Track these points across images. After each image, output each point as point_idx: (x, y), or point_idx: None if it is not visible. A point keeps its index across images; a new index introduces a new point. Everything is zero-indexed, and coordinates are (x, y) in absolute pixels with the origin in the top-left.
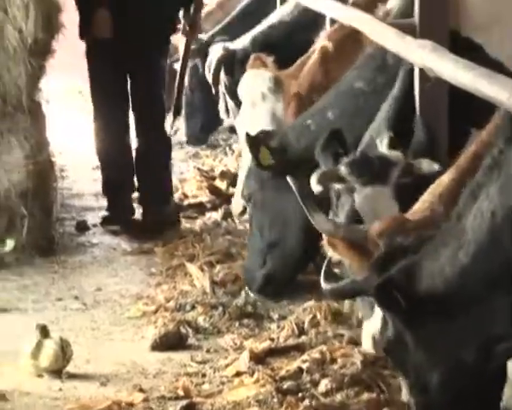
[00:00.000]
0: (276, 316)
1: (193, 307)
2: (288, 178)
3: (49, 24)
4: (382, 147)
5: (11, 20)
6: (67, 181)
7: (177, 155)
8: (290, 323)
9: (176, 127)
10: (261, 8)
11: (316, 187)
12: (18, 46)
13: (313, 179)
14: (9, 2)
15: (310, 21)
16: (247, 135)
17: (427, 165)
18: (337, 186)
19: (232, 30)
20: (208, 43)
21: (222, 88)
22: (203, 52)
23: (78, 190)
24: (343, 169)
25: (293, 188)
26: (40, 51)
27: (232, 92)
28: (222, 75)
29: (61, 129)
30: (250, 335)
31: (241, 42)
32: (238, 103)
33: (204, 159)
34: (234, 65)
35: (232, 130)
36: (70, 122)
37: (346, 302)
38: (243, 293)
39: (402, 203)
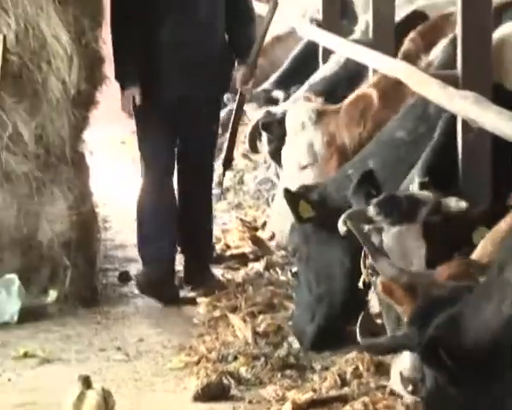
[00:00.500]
0: (318, 367)
1: (235, 358)
2: (347, 223)
3: (92, 75)
4: (413, 188)
5: (54, 72)
6: (110, 232)
7: (220, 206)
8: (332, 374)
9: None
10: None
11: (342, 228)
12: (61, 97)
13: (341, 220)
14: (53, 54)
15: (352, 74)
16: (286, 191)
17: (455, 203)
18: (366, 227)
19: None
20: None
21: (264, 148)
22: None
23: (121, 241)
24: (371, 209)
25: (355, 232)
26: (83, 102)
27: (272, 153)
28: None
29: (104, 180)
30: (292, 386)
31: (284, 105)
32: (279, 162)
33: (247, 209)
34: (273, 127)
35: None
36: (113, 173)
37: None
38: (285, 344)
39: (431, 242)
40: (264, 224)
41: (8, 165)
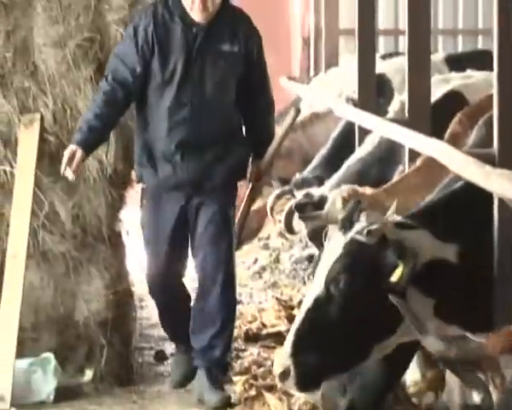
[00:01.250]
0: None
1: None
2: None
3: (129, 154)
4: None
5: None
6: (146, 310)
7: (256, 285)
8: None
9: None
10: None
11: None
12: (98, 177)
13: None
14: None
15: (387, 154)
16: None
17: None
18: None
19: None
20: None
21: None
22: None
23: (157, 320)
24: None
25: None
26: (120, 181)
27: (309, 236)
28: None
29: (140, 258)
30: None
31: (322, 189)
32: (317, 245)
33: (282, 288)
34: (310, 210)
35: (310, 260)
36: None
37: None
38: None
39: None
40: (300, 303)
41: (45, 244)
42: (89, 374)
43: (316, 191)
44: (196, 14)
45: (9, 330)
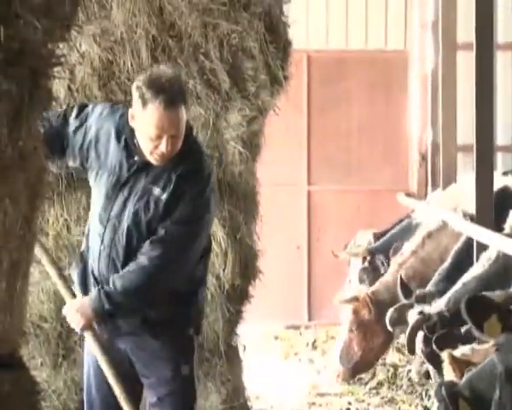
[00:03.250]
0: None
1: None
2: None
3: (247, 270)
4: None
5: (210, 267)
6: None
7: (373, 401)
8: None
9: None
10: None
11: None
12: (215, 292)
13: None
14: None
15: (505, 269)
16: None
17: None
18: None
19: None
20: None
21: (419, 354)
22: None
23: None
24: None
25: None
26: (237, 297)
27: (429, 358)
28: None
29: (257, 373)
30: None
31: (439, 305)
32: (437, 367)
33: (400, 404)
34: (429, 330)
35: (428, 376)
36: (266, 367)
37: None
38: None
39: None
40: None
41: None
42: None
43: (429, 309)
44: (151, 159)
45: None
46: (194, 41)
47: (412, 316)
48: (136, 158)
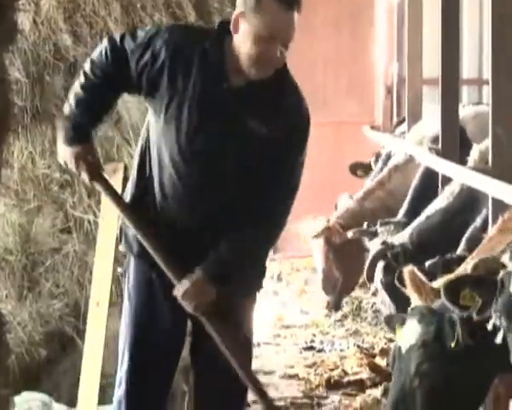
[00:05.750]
0: None
1: None
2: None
3: None
4: None
5: None
6: None
7: (338, 333)
8: None
9: None
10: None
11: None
12: None
13: (473, 264)
14: None
15: (469, 203)
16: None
17: None
18: (501, 273)
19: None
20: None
21: (378, 283)
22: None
23: None
24: (505, 256)
25: None
26: None
27: (387, 288)
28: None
29: None
30: None
31: (402, 236)
32: (394, 299)
33: (364, 336)
34: (394, 258)
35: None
36: None
37: None
38: None
39: None
40: (382, 350)
41: None
42: None
43: (393, 239)
44: (251, 70)
45: (92, 378)
46: None
47: (375, 245)
48: (226, 84)
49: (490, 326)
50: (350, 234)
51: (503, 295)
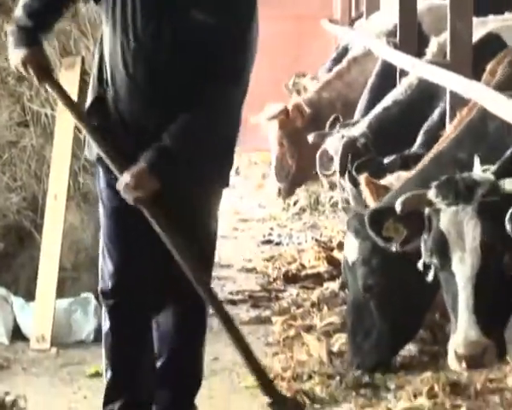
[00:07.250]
0: (392, 386)
1: (310, 377)
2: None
3: None
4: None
5: None
6: None
7: (295, 226)
8: (407, 393)
9: None
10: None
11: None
12: None
13: (399, 202)
14: None
15: (426, 96)
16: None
17: (510, 184)
18: (427, 210)
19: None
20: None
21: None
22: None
23: None
24: (431, 192)
25: None
26: None
27: (352, 179)
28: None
29: None
30: (367, 404)
31: (360, 127)
32: (358, 188)
33: (322, 229)
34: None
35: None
36: None
37: None
38: None
39: (487, 223)
40: (340, 244)
41: (86, 186)
42: None
43: (347, 132)
44: None
45: (50, 271)
46: None
47: (334, 140)
48: None
49: (420, 265)
50: (310, 138)
51: (432, 232)
